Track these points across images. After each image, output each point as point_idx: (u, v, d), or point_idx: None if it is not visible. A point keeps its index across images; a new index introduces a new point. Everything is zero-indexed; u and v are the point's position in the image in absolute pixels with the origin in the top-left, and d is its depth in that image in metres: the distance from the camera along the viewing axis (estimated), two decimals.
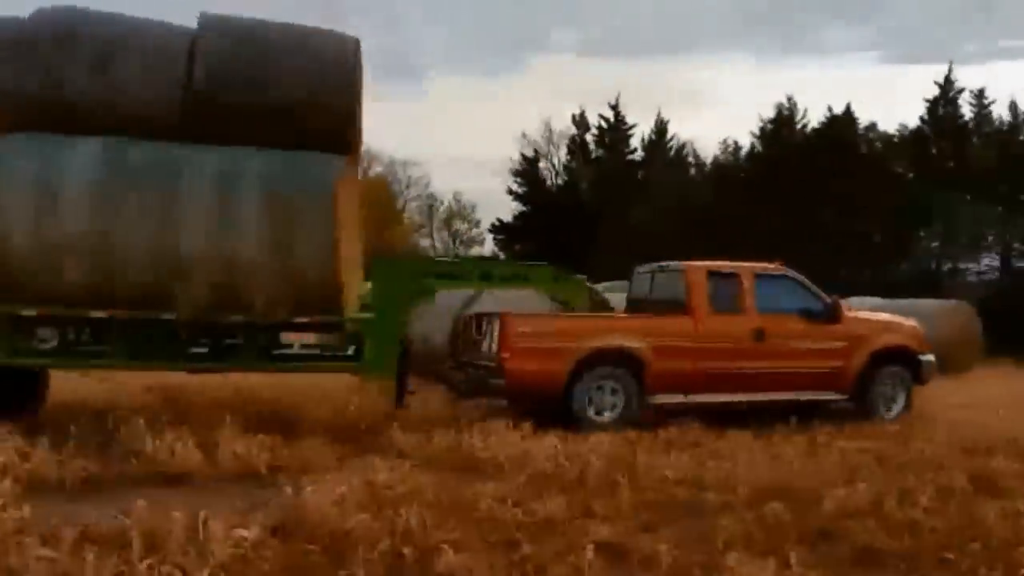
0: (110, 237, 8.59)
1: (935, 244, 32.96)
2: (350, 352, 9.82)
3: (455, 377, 10.72)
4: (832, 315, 10.70)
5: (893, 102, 68.51)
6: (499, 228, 45.90)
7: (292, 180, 8.97)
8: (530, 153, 47.04)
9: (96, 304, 8.74)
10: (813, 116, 38.97)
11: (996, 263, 32.77)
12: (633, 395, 9.86)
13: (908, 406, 11.10)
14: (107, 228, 8.61)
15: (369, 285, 10.31)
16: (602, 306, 11.02)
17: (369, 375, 10.26)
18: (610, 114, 44.77)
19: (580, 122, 45.90)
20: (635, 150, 44.88)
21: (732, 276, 10.66)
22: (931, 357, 11.40)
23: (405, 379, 10.04)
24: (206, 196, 8.83)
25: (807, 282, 10.96)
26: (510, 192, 45.92)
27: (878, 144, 36.73)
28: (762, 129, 39.70)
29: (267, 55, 9.33)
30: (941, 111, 36.19)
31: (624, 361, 9.88)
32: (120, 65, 8.99)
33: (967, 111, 36.39)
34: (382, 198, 47.51)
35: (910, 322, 11.72)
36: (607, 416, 9.75)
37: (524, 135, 48.35)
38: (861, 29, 72.36)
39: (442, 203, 56.10)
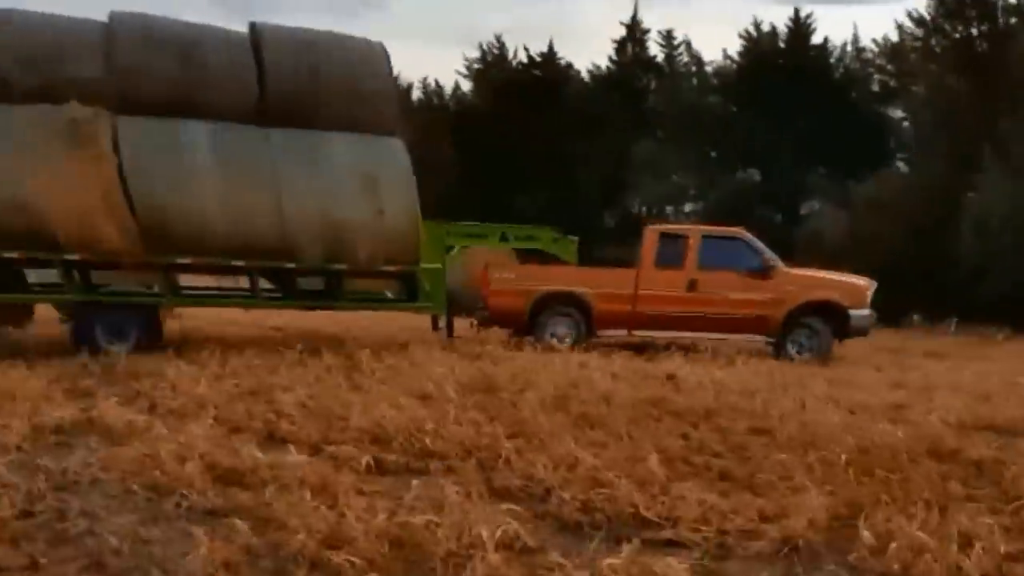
0: (234, 203, 10.08)
1: (639, 191, 29.95)
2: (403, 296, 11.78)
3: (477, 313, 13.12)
4: (765, 272, 11.96)
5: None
6: None
7: (373, 158, 10.66)
8: None
9: (234, 256, 10.34)
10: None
11: (699, 209, 29.85)
12: (583, 327, 12.07)
13: (823, 351, 11.98)
14: (234, 196, 10.07)
15: None
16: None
17: (426, 311, 12.19)
18: None
19: None
20: None
21: (681, 237, 12.42)
22: (866, 312, 12.17)
23: (452, 317, 12.56)
24: (305, 169, 10.35)
25: (756, 243, 12.24)
26: None
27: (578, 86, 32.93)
28: (468, 68, 35.34)
29: (324, 61, 10.70)
30: (630, 52, 33.04)
31: (573, 302, 12.10)
32: (197, 62, 10.27)
33: (658, 52, 32.95)
34: None
35: (851, 280, 12.49)
36: (567, 343, 11.95)
37: None
38: None
39: None
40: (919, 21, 24.39)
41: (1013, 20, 22.68)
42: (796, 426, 6.79)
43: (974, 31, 23.38)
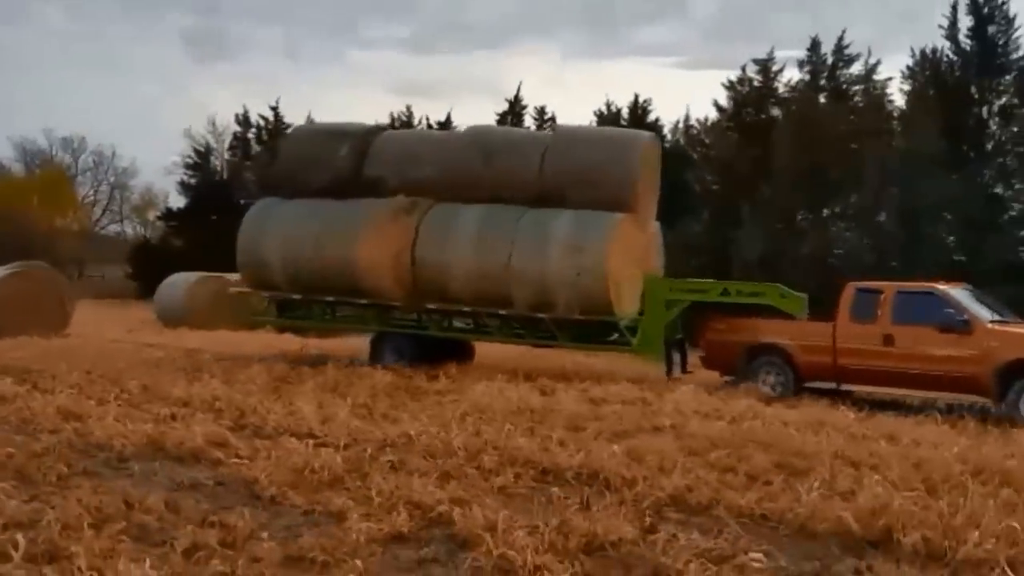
0: (477, 263, 12.56)
1: None
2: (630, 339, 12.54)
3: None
4: (964, 327, 10.67)
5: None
6: (168, 216, 43.79)
7: (582, 231, 12.26)
8: (194, 149, 44.23)
9: (471, 303, 12.80)
10: None
11: None
12: (790, 376, 11.68)
13: None
14: (480, 258, 12.54)
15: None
16: None
17: (641, 354, 12.81)
18: (270, 113, 42.03)
19: (243, 120, 43.12)
20: None
21: (876, 292, 11.54)
22: None
23: (672, 359, 13.18)
24: (533, 239, 12.39)
25: (954, 298, 11.02)
26: (182, 184, 43.43)
27: None
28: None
29: (581, 153, 12.85)
30: (508, 124, 32.97)
31: (778, 353, 11.83)
32: (499, 162, 12.98)
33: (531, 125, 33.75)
34: (58, 186, 49.11)
35: None
36: (776, 390, 11.59)
37: (189, 131, 46.15)
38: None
39: (132, 192, 55.82)
40: (720, 108, 29.00)
41: (793, 108, 27.11)
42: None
43: (763, 116, 27.93)
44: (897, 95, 26.71)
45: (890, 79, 26.80)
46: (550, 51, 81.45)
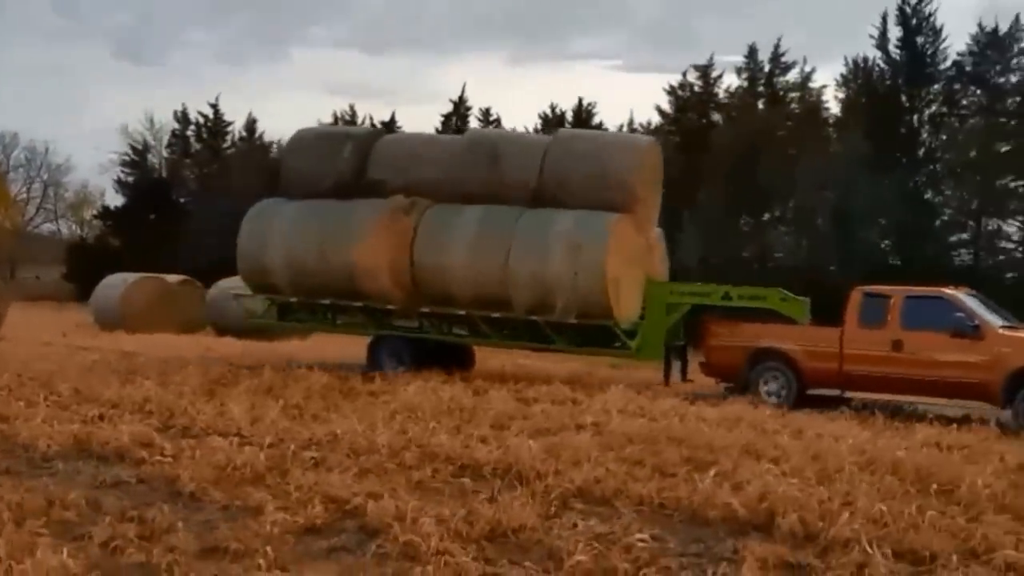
0: (475, 264, 12.67)
1: None
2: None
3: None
4: (975, 332, 10.67)
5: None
6: (105, 215, 44.31)
7: (581, 230, 12.28)
8: (132, 146, 45.33)
9: (471, 306, 12.80)
10: None
11: None
12: (792, 383, 11.50)
13: None
14: (478, 258, 12.65)
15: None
16: None
17: (641, 359, 13.01)
18: (209, 111, 43.61)
19: (182, 118, 44.21)
20: (231, 146, 42.84)
21: (884, 297, 11.44)
22: None
23: (672, 365, 13.00)
24: (531, 239, 12.48)
25: (964, 303, 11.04)
26: (119, 182, 44.26)
27: None
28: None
29: (581, 155, 13.03)
30: (453, 125, 35.03)
31: (782, 359, 11.63)
32: (502, 165, 13.19)
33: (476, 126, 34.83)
34: None
35: None
36: (780, 398, 11.36)
37: (126, 128, 46.87)
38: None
39: (66, 190, 55.47)
40: (662, 112, 29.84)
41: (732, 113, 28.01)
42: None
43: (704, 121, 28.79)
44: (832, 102, 27.76)
45: (825, 87, 27.84)
46: (494, 54, 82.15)
